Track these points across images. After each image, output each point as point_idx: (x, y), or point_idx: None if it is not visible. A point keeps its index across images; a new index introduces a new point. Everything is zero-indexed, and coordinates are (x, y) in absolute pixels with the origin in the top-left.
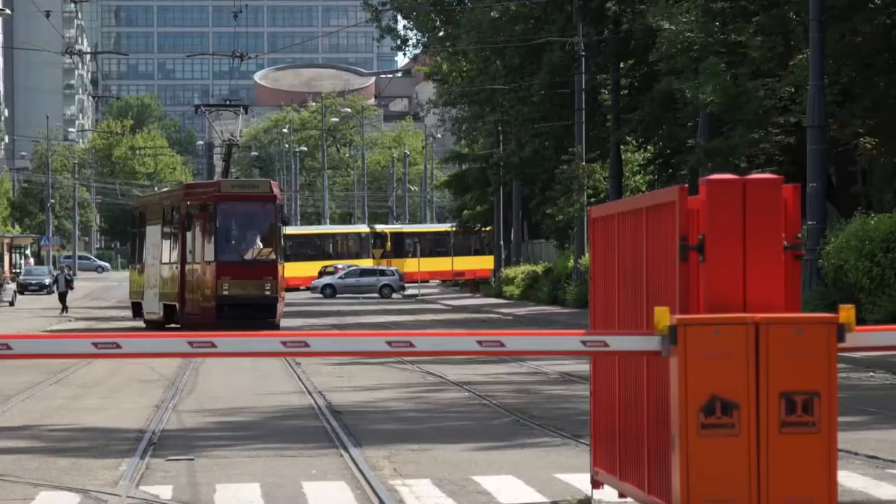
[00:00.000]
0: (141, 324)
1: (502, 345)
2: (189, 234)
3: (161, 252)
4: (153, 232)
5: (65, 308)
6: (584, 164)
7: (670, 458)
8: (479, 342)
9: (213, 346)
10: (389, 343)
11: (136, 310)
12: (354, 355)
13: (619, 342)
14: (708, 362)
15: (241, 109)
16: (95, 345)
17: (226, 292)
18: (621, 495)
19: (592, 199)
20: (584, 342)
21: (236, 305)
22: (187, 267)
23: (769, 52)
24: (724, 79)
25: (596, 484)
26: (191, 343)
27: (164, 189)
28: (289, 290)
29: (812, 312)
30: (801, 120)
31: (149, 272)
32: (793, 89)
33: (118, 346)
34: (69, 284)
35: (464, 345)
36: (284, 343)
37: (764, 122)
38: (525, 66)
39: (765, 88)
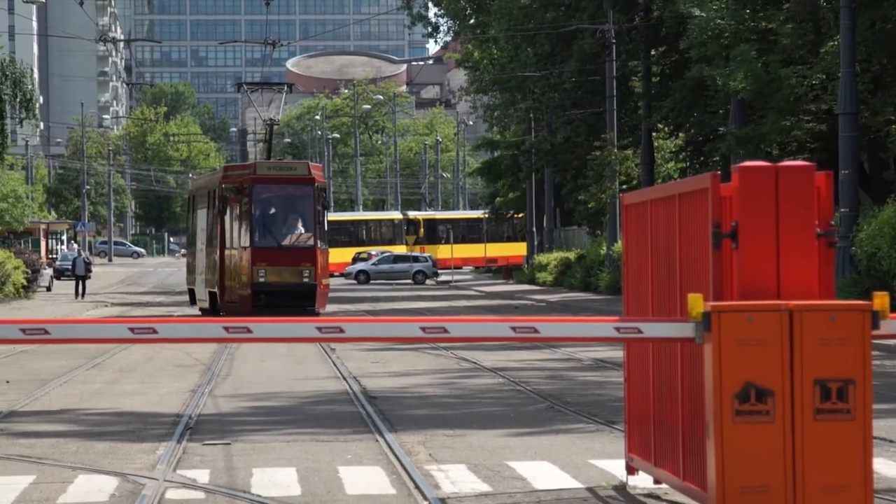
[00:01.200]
0: (195, 311)
1: (536, 331)
2: (227, 219)
3: (206, 237)
4: (201, 216)
5: (82, 294)
6: (615, 150)
7: (705, 445)
8: (513, 328)
9: (249, 331)
10: (424, 329)
11: (192, 297)
12: (389, 341)
13: (653, 329)
14: (742, 349)
15: (285, 88)
16: (132, 330)
17: (262, 279)
18: (656, 481)
19: (624, 186)
20: (617, 329)
21: (273, 293)
22: (226, 252)
23: (800, 40)
24: (755, 66)
25: (631, 470)
26: (226, 328)
27: (209, 171)
28: None
29: (845, 300)
30: (833, 107)
31: (198, 258)
32: (824, 76)
33: (154, 332)
34: (88, 268)
35: (498, 331)
36: (319, 329)
37: (795, 110)
38: (556, 54)
39: (796, 76)
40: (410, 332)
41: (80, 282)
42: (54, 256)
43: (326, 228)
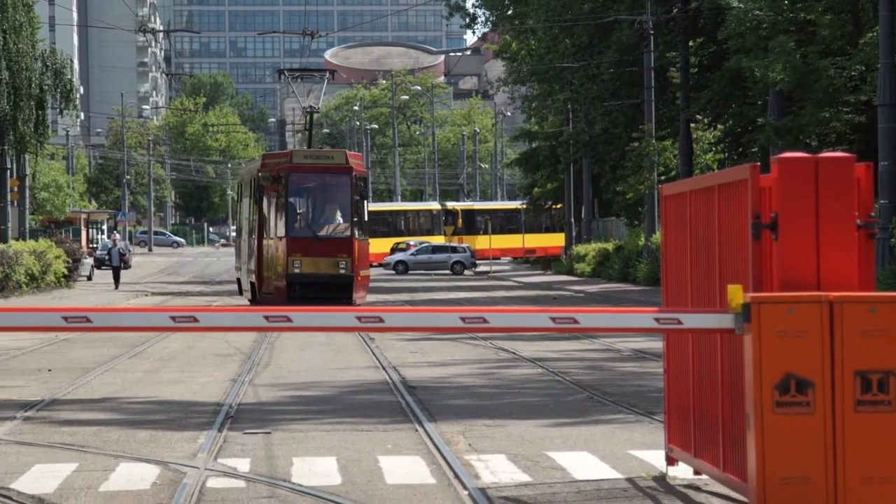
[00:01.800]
0: (241, 300)
1: (576, 322)
2: (264, 208)
3: (248, 226)
4: (244, 205)
5: (117, 284)
6: (654, 141)
7: (745, 436)
8: (553, 318)
9: (289, 320)
10: (463, 319)
11: (240, 286)
12: (429, 330)
13: (693, 320)
14: (782, 340)
15: (326, 75)
16: (173, 318)
17: (297, 270)
18: (696, 472)
19: (663, 177)
20: (657, 319)
21: (309, 284)
22: (264, 242)
23: (839, 31)
24: (793, 57)
25: (671, 461)
26: (267, 317)
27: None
28: None
29: (885, 291)
30: (872, 98)
31: (241, 247)
32: (863, 67)
33: (195, 320)
34: (123, 259)
35: (537, 321)
36: (359, 318)
37: (834, 101)
38: (594, 45)
39: (834, 67)
40: (450, 322)
41: (116, 272)
42: (95, 246)
43: (366, 219)
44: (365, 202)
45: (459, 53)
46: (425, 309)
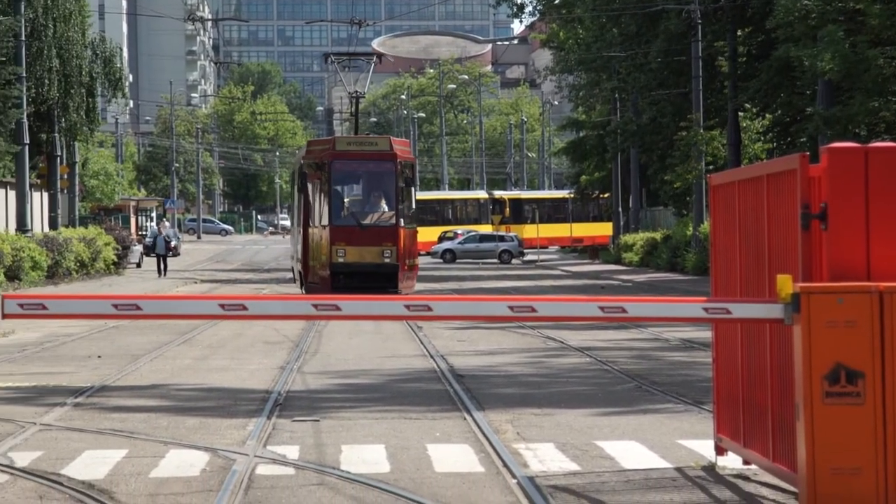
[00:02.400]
0: (293, 289)
1: (624, 311)
2: (309, 196)
3: (296, 214)
4: (295, 193)
5: (164, 271)
6: (702, 131)
7: (795, 426)
8: (601, 308)
9: (338, 308)
10: (512, 308)
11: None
12: (478, 319)
13: (742, 309)
14: (832, 331)
15: (374, 59)
16: (222, 306)
17: (340, 259)
18: (745, 462)
19: (711, 167)
20: (706, 309)
21: (352, 274)
22: (309, 231)
23: (888, 20)
24: (842, 46)
25: (720, 450)
26: (316, 306)
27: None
28: None
29: None
30: None
31: (293, 236)
32: None
33: (244, 308)
34: (169, 247)
35: (586, 310)
36: (408, 307)
37: (883, 90)
38: (641, 34)
39: (884, 56)
40: (499, 311)
41: (162, 259)
42: (144, 233)
43: (414, 206)
44: (412, 189)
45: (507, 42)
46: (474, 298)
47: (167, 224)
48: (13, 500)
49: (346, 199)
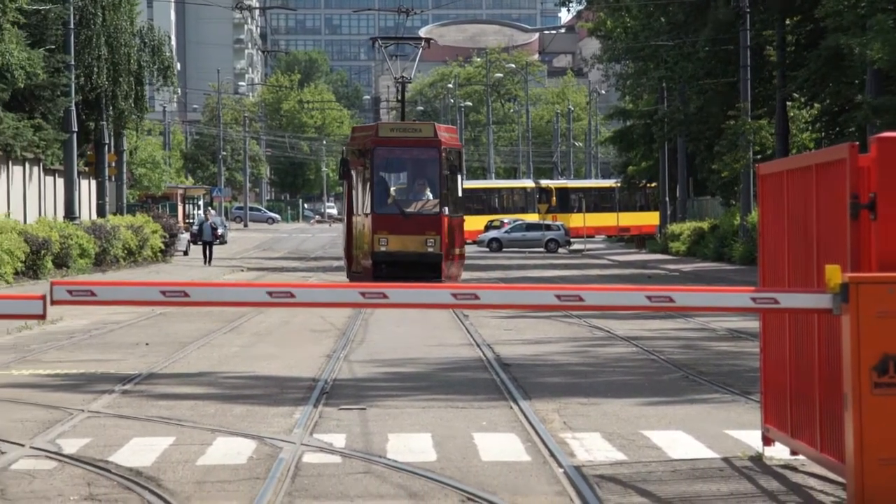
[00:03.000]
0: (334, 276)
1: (672, 300)
2: (353, 184)
3: (344, 203)
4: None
5: (209, 259)
6: (749, 120)
7: (843, 417)
8: (649, 297)
9: (385, 297)
10: (559, 297)
11: None
12: (524, 308)
13: (790, 299)
14: (880, 321)
15: (422, 44)
16: (270, 294)
17: (383, 248)
18: (793, 453)
19: (758, 156)
20: (754, 299)
21: (395, 263)
22: (353, 219)
23: None
24: (892, 35)
25: (767, 441)
26: (363, 294)
27: None
28: None
29: None
30: None
31: (344, 224)
32: None
33: (292, 296)
34: (215, 234)
35: (633, 300)
36: (455, 295)
37: None
38: (689, 23)
39: None
40: (546, 300)
41: (208, 247)
42: (191, 221)
43: (460, 195)
44: (458, 177)
45: (554, 31)
46: (521, 287)
47: (213, 212)
48: (61, 487)
49: (389, 187)
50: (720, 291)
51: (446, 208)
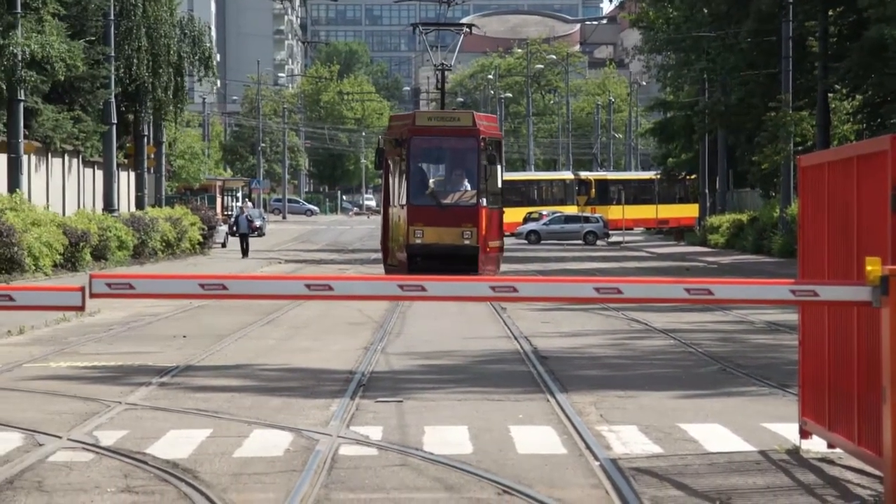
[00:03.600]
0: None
1: (710, 293)
2: (389, 174)
3: (382, 194)
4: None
5: (245, 251)
6: (790, 112)
7: (881, 410)
8: (687, 290)
9: (423, 289)
10: (598, 290)
11: None
12: (562, 301)
13: (829, 292)
14: None
15: (464, 30)
16: (308, 286)
17: (418, 241)
18: (830, 446)
19: (799, 148)
20: (793, 291)
21: (430, 256)
22: (389, 211)
23: None
24: None
25: (804, 434)
26: (401, 286)
27: None
28: None
29: None
30: None
31: (381, 216)
32: None
33: (330, 289)
34: (252, 226)
35: (672, 292)
36: (493, 288)
37: None
38: (732, 14)
39: None
40: (584, 292)
41: (244, 239)
42: (229, 213)
43: (500, 186)
44: (497, 168)
45: (595, 22)
46: (560, 279)
47: (250, 204)
48: (98, 479)
49: (425, 178)
50: (759, 284)
51: (484, 199)
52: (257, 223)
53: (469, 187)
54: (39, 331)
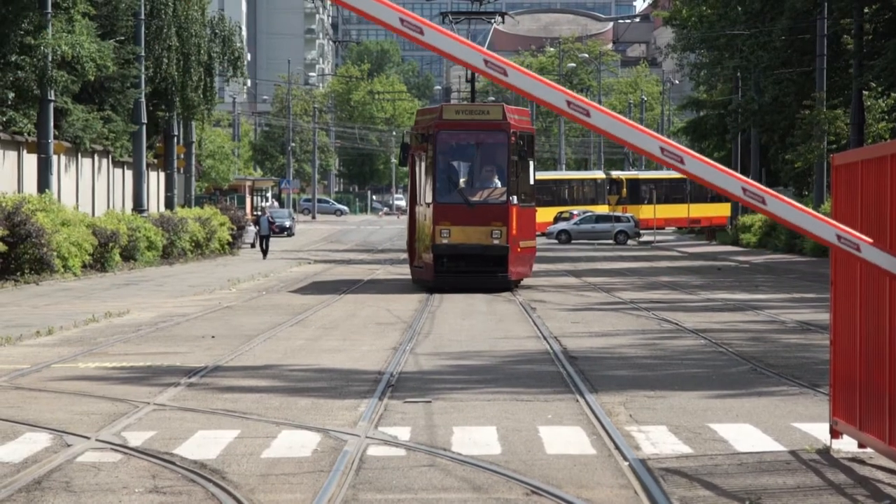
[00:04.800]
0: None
1: (763, 201)
2: (416, 170)
3: (409, 193)
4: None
5: (265, 252)
6: (825, 110)
7: None
8: (744, 189)
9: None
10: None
11: None
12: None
13: (871, 253)
14: None
15: (496, 18)
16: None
17: (444, 241)
18: (861, 446)
19: (833, 146)
20: (838, 237)
21: (457, 257)
22: (416, 209)
23: None
24: None
25: (835, 434)
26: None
27: None
28: None
29: None
30: None
31: (408, 216)
32: None
33: (421, 32)
34: (273, 227)
35: (729, 185)
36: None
37: None
38: (766, 11)
39: None
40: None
41: (264, 241)
42: (259, 213)
43: (532, 183)
44: (529, 163)
45: (628, 20)
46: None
47: (275, 204)
48: (126, 480)
49: (453, 174)
50: (811, 216)
51: (514, 197)
52: (287, 223)
53: (499, 184)
54: (68, 331)
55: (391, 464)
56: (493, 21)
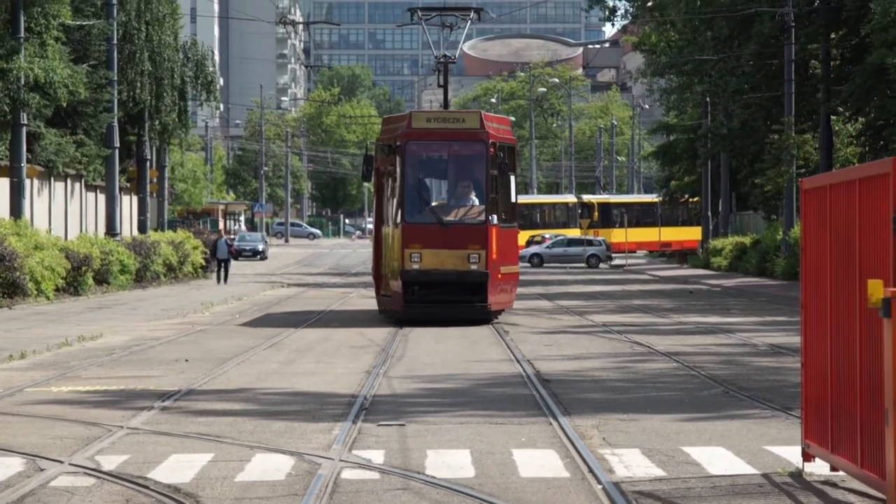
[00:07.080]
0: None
1: None
2: (381, 186)
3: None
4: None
5: (225, 278)
6: (793, 134)
7: (884, 432)
8: None
9: None
10: None
11: None
12: None
13: None
14: None
15: (471, 15)
16: None
17: (415, 266)
18: (833, 468)
19: (802, 171)
20: None
21: (430, 284)
22: (382, 231)
23: None
24: None
25: (807, 456)
26: None
27: None
28: None
29: None
30: None
31: (372, 238)
32: None
33: None
34: (231, 252)
35: None
36: None
37: None
38: (734, 37)
39: None
40: None
41: (223, 266)
42: (232, 237)
43: (513, 200)
44: (511, 178)
45: (598, 46)
46: None
47: (243, 227)
48: None
49: (424, 191)
50: None
51: (494, 216)
52: (259, 247)
53: (476, 201)
54: (41, 355)
55: (365, 487)
56: (468, 18)
